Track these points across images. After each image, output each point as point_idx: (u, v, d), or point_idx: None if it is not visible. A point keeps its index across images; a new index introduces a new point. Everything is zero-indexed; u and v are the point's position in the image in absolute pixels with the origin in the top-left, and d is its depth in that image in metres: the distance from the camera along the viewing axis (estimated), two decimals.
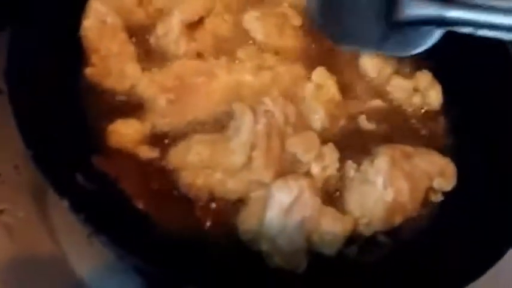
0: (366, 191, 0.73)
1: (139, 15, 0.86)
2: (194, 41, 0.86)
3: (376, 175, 0.74)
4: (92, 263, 0.79)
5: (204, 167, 0.72)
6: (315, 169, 0.74)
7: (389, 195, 0.72)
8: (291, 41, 0.90)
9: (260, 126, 0.74)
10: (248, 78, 0.82)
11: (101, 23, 0.80)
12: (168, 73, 0.80)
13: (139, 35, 0.84)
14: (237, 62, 0.84)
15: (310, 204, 0.69)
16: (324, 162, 0.75)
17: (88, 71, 0.77)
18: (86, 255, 0.79)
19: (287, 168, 0.75)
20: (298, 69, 0.86)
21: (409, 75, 0.90)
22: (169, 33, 0.84)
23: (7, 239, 0.79)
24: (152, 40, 0.85)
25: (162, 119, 0.76)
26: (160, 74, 0.80)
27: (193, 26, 0.86)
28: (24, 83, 0.67)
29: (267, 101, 0.78)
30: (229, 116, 0.78)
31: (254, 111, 0.76)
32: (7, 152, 0.83)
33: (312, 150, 0.75)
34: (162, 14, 0.86)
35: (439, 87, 0.89)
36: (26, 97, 0.65)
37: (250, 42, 0.89)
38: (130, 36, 0.83)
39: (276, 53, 0.87)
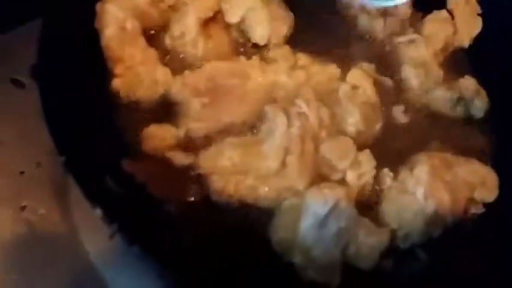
0: (405, 202, 0.69)
1: (153, 15, 0.82)
2: (211, 39, 0.82)
3: (415, 186, 0.70)
4: (113, 262, 0.77)
5: (236, 172, 0.69)
6: (351, 177, 0.71)
7: (430, 208, 0.68)
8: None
9: (294, 130, 0.71)
10: (282, 78, 0.78)
11: (120, 30, 0.76)
12: (201, 75, 0.77)
13: (155, 38, 0.82)
14: (269, 62, 0.81)
15: (346, 215, 0.66)
16: (360, 170, 0.71)
17: (115, 83, 0.74)
18: (107, 253, 0.77)
19: (321, 174, 0.72)
20: (333, 69, 0.81)
21: (452, 83, 0.85)
22: (186, 33, 0.80)
23: (29, 236, 0.78)
24: (168, 41, 0.82)
25: (197, 123, 0.73)
26: (193, 76, 0.77)
27: (206, 22, 0.83)
28: (55, 82, 0.65)
29: (301, 103, 0.74)
30: (262, 118, 0.75)
31: (287, 114, 0.73)
32: (29, 149, 0.82)
33: (348, 156, 0.72)
34: (174, 10, 0.83)
35: (485, 94, 0.85)
36: (57, 99, 0.63)
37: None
38: (147, 39, 0.79)
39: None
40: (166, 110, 0.75)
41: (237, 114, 0.75)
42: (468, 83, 0.85)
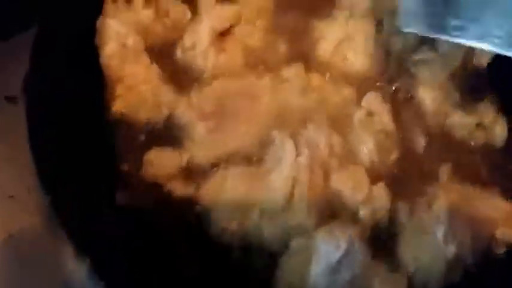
0: (423, 243, 0.64)
1: (157, 31, 0.77)
2: (223, 52, 0.77)
3: (435, 225, 0.64)
4: None
5: (240, 207, 0.64)
6: (364, 213, 0.66)
7: (450, 251, 0.63)
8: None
9: (303, 159, 0.66)
10: (294, 100, 0.73)
11: (122, 47, 0.71)
12: (207, 95, 0.72)
13: (159, 55, 0.76)
14: (281, 81, 0.75)
15: (360, 260, 0.61)
16: (374, 205, 0.66)
17: (116, 104, 0.69)
18: None
19: (331, 208, 0.67)
20: (348, 92, 0.76)
21: (471, 108, 0.79)
22: (198, 44, 0.76)
23: (17, 264, 0.74)
24: (178, 53, 0.77)
25: (201, 150, 0.69)
26: (199, 96, 0.72)
27: (221, 36, 0.78)
28: (45, 106, 0.60)
29: (310, 128, 0.70)
30: (269, 143, 0.70)
31: (296, 140, 0.68)
32: (19, 171, 0.77)
33: (361, 190, 0.66)
34: (181, 25, 0.78)
35: (504, 122, 0.79)
36: (46, 129, 0.58)
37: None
38: (150, 56, 0.74)
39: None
40: (168, 133, 0.71)
41: (244, 139, 0.71)
42: (486, 109, 0.79)
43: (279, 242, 0.64)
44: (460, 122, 0.78)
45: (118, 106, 0.69)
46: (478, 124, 0.78)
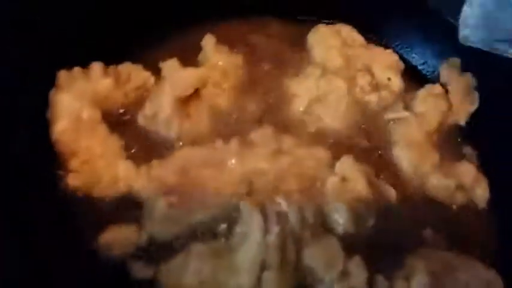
0: None
1: (117, 99, 0.73)
2: (188, 117, 0.74)
3: None
4: None
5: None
6: None
7: None
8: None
9: (272, 238, 0.61)
10: (264, 165, 0.69)
11: (75, 121, 0.67)
12: (170, 166, 0.68)
13: (119, 123, 0.72)
14: (249, 146, 0.71)
15: None
16: (349, 282, 0.62)
17: (70, 179, 0.64)
18: None
19: (304, 285, 0.62)
20: (322, 153, 0.72)
21: (450, 168, 0.77)
22: (160, 113, 0.72)
23: None
24: (140, 120, 0.73)
25: (162, 227, 0.64)
26: (160, 168, 0.67)
27: (187, 99, 0.74)
28: None
29: (281, 200, 0.65)
30: (234, 216, 0.65)
31: (264, 214, 0.63)
32: None
33: (335, 266, 0.63)
34: (144, 92, 0.75)
35: (485, 182, 0.77)
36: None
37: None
38: (109, 125, 0.70)
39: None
40: (126, 209, 0.66)
41: (209, 211, 0.66)
42: (467, 169, 0.77)
43: None
44: (439, 184, 0.75)
45: (72, 182, 0.65)
46: (457, 186, 0.75)
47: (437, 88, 0.83)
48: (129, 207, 0.66)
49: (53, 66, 0.70)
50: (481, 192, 0.76)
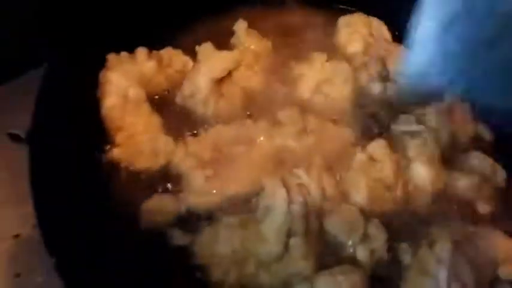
0: (425, 285, 0.63)
1: (160, 81, 0.80)
2: (222, 97, 0.79)
3: (437, 267, 0.64)
4: None
5: (236, 258, 0.63)
6: (362, 254, 0.65)
7: None
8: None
9: (296, 207, 0.65)
10: (291, 143, 0.74)
11: (122, 98, 0.73)
12: (204, 143, 0.73)
13: (160, 103, 0.79)
14: (277, 125, 0.76)
15: None
16: (371, 245, 0.66)
17: (115, 152, 0.71)
18: None
19: (328, 252, 0.66)
20: (347, 134, 0.77)
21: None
22: (197, 93, 0.78)
23: None
24: (178, 100, 0.79)
25: (200, 198, 0.69)
26: (196, 144, 0.73)
27: (221, 80, 0.80)
28: (47, 156, 0.61)
29: (301, 173, 0.69)
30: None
31: (287, 187, 0.67)
32: (25, 209, 0.77)
33: (356, 230, 0.66)
34: (183, 74, 0.81)
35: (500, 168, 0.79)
36: (49, 180, 0.58)
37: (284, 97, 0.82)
38: (152, 105, 0.77)
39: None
40: (167, 181, 0.72)
41: (242, 185, 0.71)
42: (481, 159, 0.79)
43: None
44: (462, 184, 0.76)
45: (117, 154, 0.70)
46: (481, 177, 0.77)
47: (443, 107, 0.82)
48: (168, 179, 0.72)
49: (102, 51, 0.77)
50: (500, 173, 0.78)
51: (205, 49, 0.81)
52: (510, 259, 0.69)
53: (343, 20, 0.94)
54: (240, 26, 0.86)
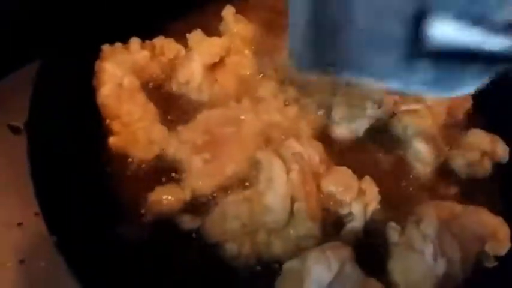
0: (413, 261, 0.66)
1: (154, 70, 0.82)
2: (216, 83, 0.81)
3: (423, 243, 0.66)
4: None
5: (247, 231, 0.66)
6: (357, 208, 0.69)
7: (440, 268, 0.64)
8: None
9: (294, 174, 0.68)
10: (276, 117, 0.77)
11: (117, 87, 0.75)
12: (195, 129, 0.75)
13: (155, 91, 0.81)
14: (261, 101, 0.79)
15: (352, 280, 0.62)
16: (365, 199, 0.70)
17: (112, 140, 0.73)
18: None
19: (329, 211, 0.70)
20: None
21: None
22: (191, 80, 0.80)
23: None
24: (174, 87, 0.81)
25: (202, 182, 0.71)
26: (187, 131, 0.75)
27: (214, 66, 0.82)
28: (46, 144, 0.63)
29: (293, 143, 0.72)
30: (257, 165, 0.72)
31: (282, 157, 0.70)
32: (27, 197, 0.79)
33: (351, 187, 0.69)
34: (176, 62, 0.82)
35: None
36: (47, 167, 0.61)
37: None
38: (147, 93, 0.79)
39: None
40: (168, 169, 0.74)
41: (239, 163, 0.73)
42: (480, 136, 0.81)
43: (291, 254, 0.66)
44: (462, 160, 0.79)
45: (113, 142, 0.72)
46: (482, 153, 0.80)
47: None
48: (166, 167, 0.74)
49: (96, 41, 0.79)
50: (501, 147, 0.80)
51: (196, 36, 0.82)
52: (496, 235, 0.71)
53: None
54: (228, 12, 0.88)
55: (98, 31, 0.79)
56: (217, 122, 0.76)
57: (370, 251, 0.69)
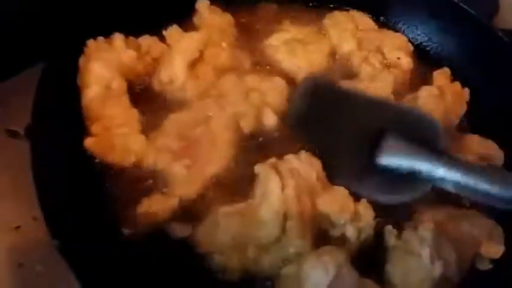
0: (410, 265, 0.66)
1: (138, 70, 0.79)
2: (198, 79, 0.80)
3: (421, 246, 0.66)
4: None
5: (236, 244, 0.65)
6: (351, 232, 0.68)
7: (437, 271, 0.65)
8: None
9: (289, 191, 0.67)
10: (241, 108, 0.77)
11: (104, 89, 0.72)
12: (168, 135, 0.73)
13: (141, 90, 0.80)
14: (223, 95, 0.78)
15: (349, 282, 0.62)
16: (360, 223, 0.68)
17: (88, 142, 0.69)
18: None
19: (321, 230, 0.69)
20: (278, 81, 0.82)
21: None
22: (175, 79, 0.78)
23: None
24: (156, 86, 0.79)
25: (187, 188, 0.70)
26: (161, 138, 0.73)
27: (193, 62, 0.81)
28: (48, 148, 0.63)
29: (291, 158, 0.71)
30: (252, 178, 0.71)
31: (279, 172, 0.69)
32: (25, 201, 0.77)
33: (347, 210, 0.68)
34: (159, 61, 0.81)
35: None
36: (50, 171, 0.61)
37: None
38: (131, 95, 0.77)
39: None
40: (147, 176, 0.73)
41: (218, 161, 0.73)
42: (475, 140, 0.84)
43: (278, 269, 0.65)
44: None
45: (89, 144, 0.69)
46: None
47: (434, 90, 0.87)
48: (148, 176, 0.72)
49: (79, 36, 0.76)
50: (496, 151, 0.82)
51: (173, 33, 0.81)
52: (490, 238, 0.72)
53: (327, 22, 0.97)
54: (202, 4, 0.86)
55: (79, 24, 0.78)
56: (187, 123, 0.75)
57: (367, 253, 0.70)
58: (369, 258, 0.69)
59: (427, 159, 0.70)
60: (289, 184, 0.68)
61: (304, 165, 0.71)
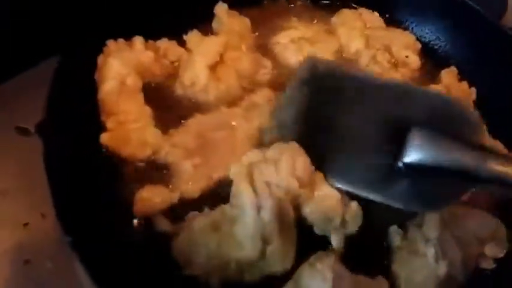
0: (416, 264, 0.67)
1: (155, 71, 0.81)
2: (220, 81, 0.81)
3: (426, 245, 0.67)
4: None
5: (215, 263, 0.62)
6: (335, 241, 0.66)
7: (442, 270, 0.65)
8: None
9: (266, 214, 0.61)
10: (268, 123, 0.76)
11: (120, 85, 0.74)
12: (187, 133, 0.74)
13: (156, 90, 0.81)
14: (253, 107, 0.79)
15: (345, 280, 0.62)
16: (346, 230, 0.67)
17: (104, 136, 0.71)
18: None
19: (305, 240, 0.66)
20: None
21: None
22: (197, 82, 0.79)
23: None
24: (178, 90, 0.81)
25: (191, 186, 0.71)
26: (179, 134, 0.74)
27: (215, 65, 0.82)
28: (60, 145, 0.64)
29: (267, 168, 0.65)
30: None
31: (255, 186, 0.64)
32: (34, 199, 0.79)
33: (335, 217, 0.65)
34: (178, 64, 0.82)
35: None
36: (62, 167, 0.61)
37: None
38: (146, 95, 0.78)
39: None
40: (156, 169, 0.73)
41: (227, 168, 0.71)
42: None
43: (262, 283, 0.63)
44: None
45: (105, 138, 0.71)
46: None
47: (441, 89, 0.87)
48: (158, 169, 0.73)
49: (100, 37, 0.78)
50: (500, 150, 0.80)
51: (194, 37, 0.83)
52: (495, 237, 0.72)
53: (335, 20, 0.97)
54: (221, 9, 0.87)
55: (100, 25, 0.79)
56: (210, 126, 0.76)
57: (371, 253, 0.70)
58: (376, 257, 0.70)
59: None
60: (266, 206, 0.62)
61: (283, 174, 0.64)
